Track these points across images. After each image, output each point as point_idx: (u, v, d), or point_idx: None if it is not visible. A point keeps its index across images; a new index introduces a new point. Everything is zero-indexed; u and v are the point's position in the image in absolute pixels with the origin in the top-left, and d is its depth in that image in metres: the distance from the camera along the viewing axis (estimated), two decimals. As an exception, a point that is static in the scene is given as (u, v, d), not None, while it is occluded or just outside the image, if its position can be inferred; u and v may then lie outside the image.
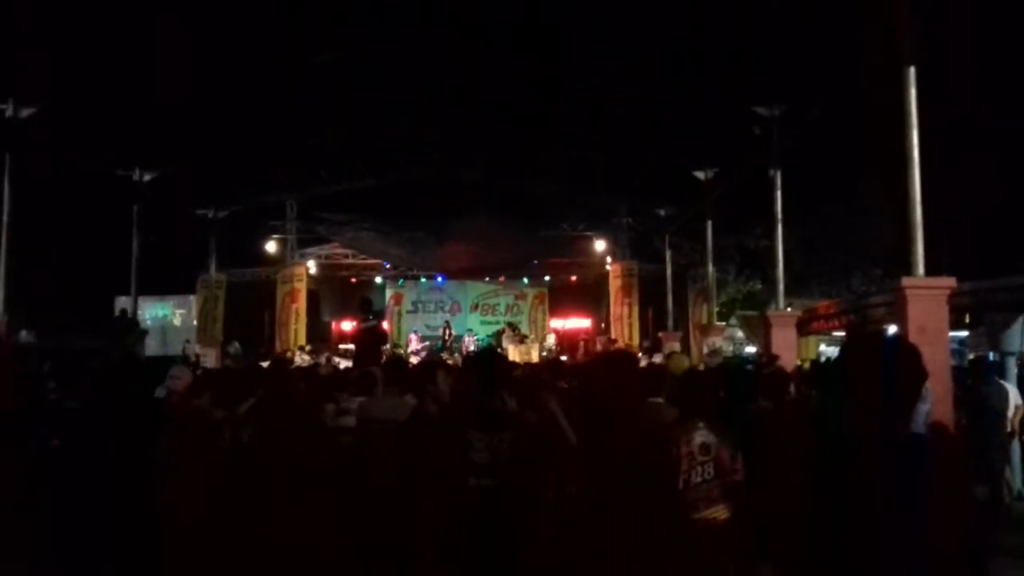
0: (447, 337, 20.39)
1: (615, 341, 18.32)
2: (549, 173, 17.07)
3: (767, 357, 9.61)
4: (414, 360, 14.40)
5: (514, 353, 16.86)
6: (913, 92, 6.66)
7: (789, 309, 11.88)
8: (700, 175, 14.08)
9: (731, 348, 18.05)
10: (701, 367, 9.24)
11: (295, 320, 18.82)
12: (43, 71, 8.69)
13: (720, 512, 2.73)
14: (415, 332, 20.63)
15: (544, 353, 17.66)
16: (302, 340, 18.55)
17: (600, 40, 9.77)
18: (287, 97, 11.92)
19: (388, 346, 18.03)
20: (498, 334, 21.15)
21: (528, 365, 10.01)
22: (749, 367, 7.17)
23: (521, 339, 19.58)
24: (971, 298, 9.17)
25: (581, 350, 17.72)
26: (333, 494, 3.20)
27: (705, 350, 14.47)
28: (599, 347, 17.94)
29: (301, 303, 18.99)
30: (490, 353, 4.53)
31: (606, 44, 9.80)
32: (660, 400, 3.76)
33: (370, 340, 9.70)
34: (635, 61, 9.99)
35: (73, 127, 10.21)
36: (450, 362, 14.61)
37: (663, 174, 14.87)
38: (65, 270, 16.77)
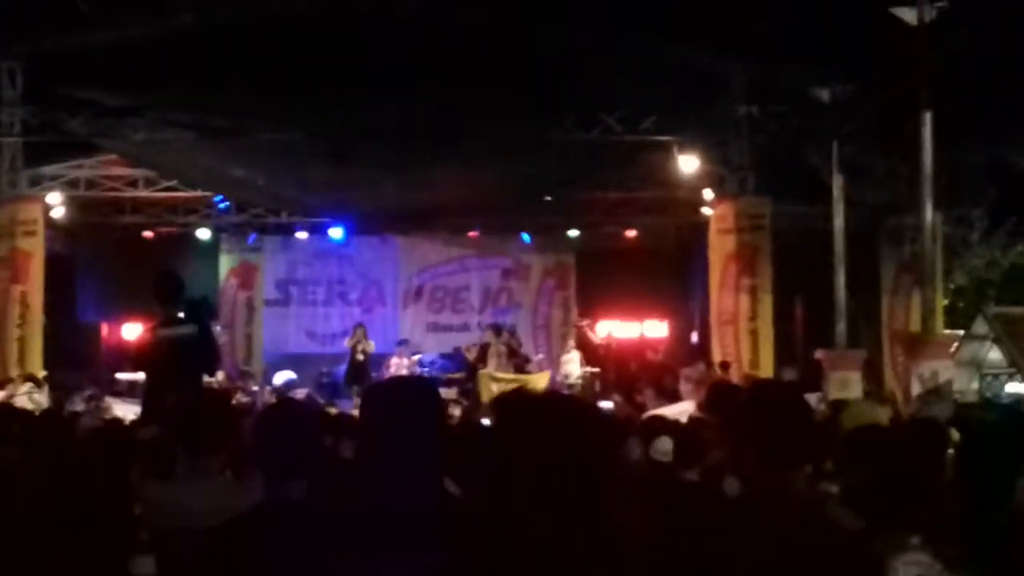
0: (359, 353, 20.88)
1: (727, 367, 18.47)
2: None
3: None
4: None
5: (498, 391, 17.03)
6: None
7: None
8: (908, 14, 14.16)
9: (975, 384, 18.13)
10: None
11: (20, 318, 19.10)
12: None
13: None
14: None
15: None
16: (36, 363, 18.81)
17: None
18: None
19: (222, 375, 18.35)
20: (463, 357, 21.40)
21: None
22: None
23: (522, 363, 20.04)
24: None
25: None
26: None
27: (916, 387, 14.72)
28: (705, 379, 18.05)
29: (33, 283, 19.29)
30: None
31: None
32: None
33: (180, 363, 9.67)
34: None
35: None
36: (354, 411, 14.86)
37: (826, 8, 15.07)
38: None
